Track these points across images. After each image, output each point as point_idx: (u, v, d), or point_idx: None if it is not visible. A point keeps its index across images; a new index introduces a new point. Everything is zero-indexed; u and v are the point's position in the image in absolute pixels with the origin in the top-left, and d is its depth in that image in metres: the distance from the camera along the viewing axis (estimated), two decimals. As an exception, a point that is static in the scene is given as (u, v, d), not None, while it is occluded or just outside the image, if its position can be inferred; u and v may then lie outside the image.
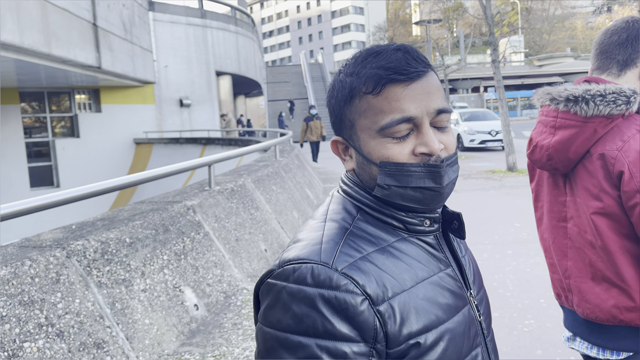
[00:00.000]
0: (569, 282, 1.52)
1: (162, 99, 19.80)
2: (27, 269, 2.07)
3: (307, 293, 0.72)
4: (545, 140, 1.46)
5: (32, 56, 10.39)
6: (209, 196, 3.55)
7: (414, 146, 0.79)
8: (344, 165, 0.88)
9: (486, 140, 17.11)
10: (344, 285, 0.72)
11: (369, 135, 0.81)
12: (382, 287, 0.75)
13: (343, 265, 0.74)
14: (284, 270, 0.75)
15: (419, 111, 0.78)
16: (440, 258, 0.85)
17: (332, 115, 0.87)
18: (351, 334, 0.71)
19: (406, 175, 0.79)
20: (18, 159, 16.44)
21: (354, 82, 0.81)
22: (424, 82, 0.79)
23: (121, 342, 2.23)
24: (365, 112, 0.80)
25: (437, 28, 34.45)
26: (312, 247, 0.77)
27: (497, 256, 5.42)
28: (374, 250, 0.79)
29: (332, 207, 0.87)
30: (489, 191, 9.39)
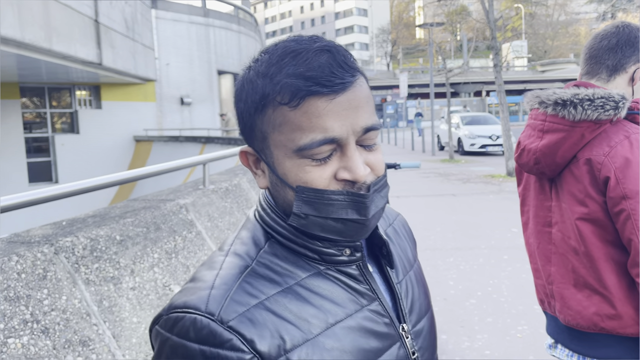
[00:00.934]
0: (552, 287, 1.51)
1: (163, 97, 19.81)
2: (14, 264, 2.05)
3: (188, 349, 0.63)
4: (533, 144, 1.45)
5: (33, 51, 10.39)
6: (202, 195, 3.54)
7: (336, 169, 0.68)
8: (256, 181, 0.76)
9: (487, 145, 17.09)
10: (228, 342, 0.62)
11: (284, 153, 0.68)
12: (278, 339, 0.64)
13: (230, 317, 0.64)
14: (168, 318, 0.66)
15: (343, 130, 0.66)
16: (362, 292, 0.73)
17: (241, 122, 0.73)
18: None
19: (326, 204, 0.67)
20: (17, 154, 16.44)
21: (267, 87, 0.67)
22: (350, 95, 0.66)
23: (107, 340, 2.22)
24: (281, 126, 0.67)
25: (441, 31, 34.49)
26: (201, 291, 0.67)
27: (492, 261, 5.40)
28: (277, 292, 0.68)
29: (241, 234, 0.76)
30: (487, 196, 9.38)
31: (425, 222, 7.30)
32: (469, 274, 5.04)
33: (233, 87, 0.76)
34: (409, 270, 0.85)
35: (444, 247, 6.01)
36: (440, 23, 19.36)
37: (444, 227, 7.01)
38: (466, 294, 4.52)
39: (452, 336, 3.69)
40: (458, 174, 12.65)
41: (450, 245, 6.08)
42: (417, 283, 0.85)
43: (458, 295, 4.50)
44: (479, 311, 4.13)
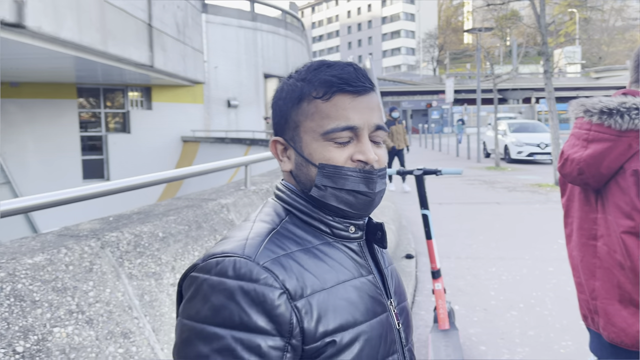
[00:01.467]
0: (596, 303, 1.45)
1: (210, 99, 20.27)
2: (63, 256, 2.15)
3: (227, 285, 0.74)
4: (577, 154, 1.40)
5: (89, 53, 10.85)
6: (243, 195, 3.60)
7: (352, 153, 0.85)
8: (280, 167, 0.92)
9: (534, 153, 16.59)
10: (263, 279, 0.74)
11: (312, 137, 0.85)
12: (301, 283, 0.77)
13: (265, 260, 0.77)
14: (207, 263, 0.78)
15: (361, 122, 0.84)
16: (362, 264, 0.89)
17: (277, 116, 0.91)
18: (267, 327, 0.73)
19: (342, 177, 0.84)
20: (73, 152, 17.19)
21: (305, 87, 0.86)
22: (368, 98, 0.86)
23: (147, 334, 2.29)
24: (312, 115, 0.85)
25: (490, 36, 33.79)
26: (238, 242, 0.81)
27: (537, 272, 5.24)
28: (298, 249, 0.82)
29: (264, 210, 0.91)
30: (533, 205, 9.10)
31: (467, 230, 7.16)
32: (511, 284, 4.91)
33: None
34: (391, 264, 1.01)
35: (487, 257, 5.87)
36: (489, 28, 18.98)
37: (487, 235, 6.86)
38: (507, 305, 4.40)
39: (492, 347, 3.60)
40: (504, 182, 12.34)
41: (492, 255, 5.93)
42: (397, 276, 1.00)
43: (499, 306, 4.39)
44: (521, 323, 4.01)
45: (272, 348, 0.73)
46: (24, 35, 8.43)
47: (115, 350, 2.11)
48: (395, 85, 50.39)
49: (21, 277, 1.94)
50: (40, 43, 9.01)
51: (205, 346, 0.73)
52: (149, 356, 2.21)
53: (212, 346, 0.72)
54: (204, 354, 0.73)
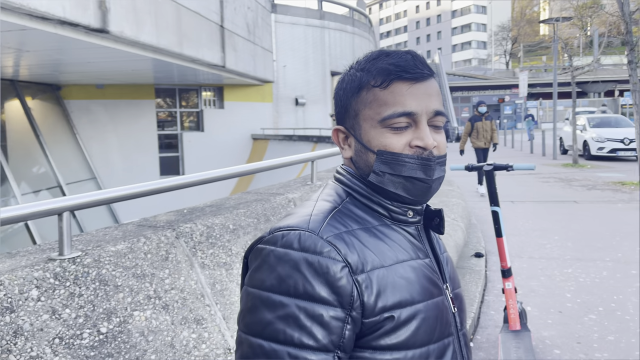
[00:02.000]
0: None
1: (279, 98, 20.65)
2: (142, 245, 2.29)
3: (292, 256, 0.77)
4: None
5: (166, 55, 11.40)
6: (310, 190, 3.66)
7: (410, 139, 0.86)
8: (341, 154, 0.94)
9: (617, 149, 15.57)
10: (327, 252, 0.77)
11: (370, 124, 0.87)
12: (362, 259, 0.80)
13: (329, 235, 0.80)
14: (273, 236, 0.81)
15: (419, 108, 0.85)
16: (419, 247, 0.90)
17: (338, 106, 0.93)
18: (329, 298, 0.76)
19: (400, 164, 0.85)
20: (151, 149, 18.13)
21: (364, 76, 0.88)
22: (426, 85, 0.87)
23: (218, 321, 2.39)
24: (371, 103, 0.87)
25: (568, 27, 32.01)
26: (302, 217, 0.84)
27: (618, 275, 4.93)
28: (359, 228, 0.85)
29: (325, 191, 0.94)
30: (616, 204, 8.56)
31: (541, 229, 6.85)
32: (589, 287, 4.65)
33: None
34: (446, 251, 1.02)
35: (562, 257, 5.60)
36: (567, 18, 18.01)
37: (562, 235, 6.53)
38: (585, 308, 4.18)
39: (567, 352, 3.44)
40: (582, 179, 11.68)
41: (569, 256, 5.65)
42: (452, 263, 1.01)
43: (575, 309, 4.18)
44: (600, 328, 3.80)
45: (333, 318, 0.76)
46: (108, 39, 8.99)
47: (189, 335, 2.22)
48: (465, 80, 48.99)
49: (105, 263, 2.09)
50: (122, 47, 9.58)
51: (270, 313, 0.76)
52: (219, 342, 2.31)
53: (277, 313, 0.75)
54: (268, 320, 0.76)
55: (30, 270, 1.85)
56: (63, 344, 1.79)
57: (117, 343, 1.94)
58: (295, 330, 0.74)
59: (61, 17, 7.31)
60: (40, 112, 14.94)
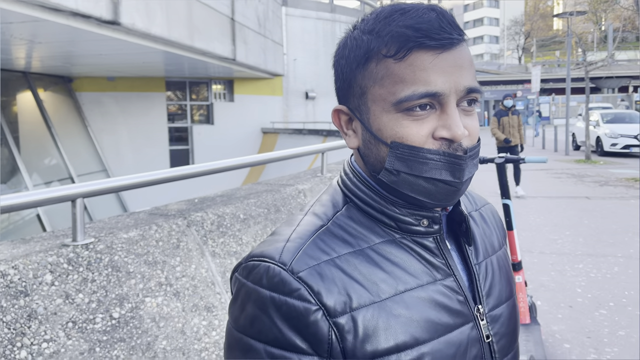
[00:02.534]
0: None
1: (289, 91, 20.65)
2: (153, 232, 2.31)
3: (260, 295, 0.66)
4: None
5: (177, 48, 11.42)
6: (320, 182, 3.67)
7: (434, 128, 0.67)
8: (345, 142, 0.76)
9: (631, 145, 15.40)
10: (296, 292, 0.65)
11: (382, 107, 0.68)
12: (345, 297, 0.65)
13: (301, 269, 0.66)
14: (245, 266, 0.70)
15: (446, 86, 0.65)
16: (437, 266, 0.72)
17: (339, 79, 0.74)
18: (302, 345, 0.64)
19: (421, 162, 0.67)
20: (161, 142, 18.22)
21: (372, 42, 0.67)
22: (456, 53, 0.66)
23: (228, 309, 2.41)
24: (382, 79, 0.67)
25: (582, 21, 31.66)
26: (278, 244, 0.70)
27: (630, 271, 4.89)
28: (348, 252, 0.69)
29: (322, 197, 0.78)
30: (628, 200, 8.47)
31: (553, 225, 6.81)
32: (600, 282, 4.62)
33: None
34: (491, 255, 0.82)
35: (573, 252, 5.56)
36: (581, 12, 17.79)
37: (574, 231, 6.48)
38: (596, 303, 4.15)
39: (577, 346, 3.42)
40: (595, 175, 11.57)
41: (580, 251, 5.61)
42: (498, 269, 0.81)
43: (586, 304, 4.15)
44: (610, 323, 3.77)
45: None
46: (119, 31, 9.03)
47: (200, 322, 2.24)
48: (477, 75, 48.56)
49: (117, 249, 2.11)
50: (133, 39, 9.62)
51: (242, 355, 0.68)
52: (230, 330, 2.33)
53: (247, 357, 0.67)
54: None
55: (45, 256, 1.87)
56: (76, 328, 1.81)
57: (129, 328, 1.96)
58: None
59: (73, 8, 7.35)
60: (52, 104, 15.07)
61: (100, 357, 1.83)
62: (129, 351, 1.91)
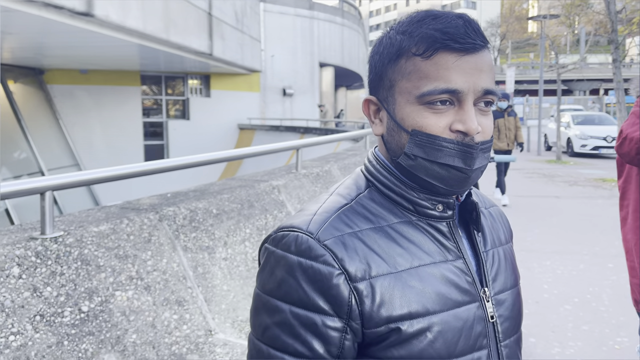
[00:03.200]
0: None
1: (266, 88, 20.57)
2: (125, 226, 2.30)
3: (289, 260, 0.73)
4: (636, 133, 1.37)
5: (153, 42, 11.27)
6: (294, 178, 3.68)
7: (451, 122, 0.75)
8: (372, 130, 0.84)
9: (600, 147, 15.80)
10: (322, 257, 0.72)
11: (406, 99, 0.76)
12: (365, 265, 0.73)
13: (327, 238, 0.73)
14: (275, 236, 0.77)
15: (466, 86, 0.73)
16: (449, 248, 0.80)
17: (372, 72, 0.82)
18: (324, 306, 0.71)
19: (436, 149, 0.75)
20: (136, 137, 17.96)
21: (404, 41, 0.76)
22: (478, 57, 0.75)
23: (200, 303, 2.41)
24: (410, 74, 0.76)
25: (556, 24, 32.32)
26: (306, 216, 0.78)
27: (595, 268, 5.05)
28: (369, 228, 0.77)
29: (346, 181, 0.86)
30: (596, 200, 8.72)
31: (523, 223, 6.96)
32: (566, 279, 4.75)
33: (333, 80, 0.86)
34: (498, 246, 0.89)
35: (542, 250, 5.70)
36: (555, 15, 18.16)
37: (543, 229, 6.65)
38: (561, 299, 4.28)
39: (542, 340, 3.52)
40: (564, 175, 11.86)
41: (548, 249, 5.76)
42: (505, 259, 0.89)
43: (552, 299, 4.27)
44: (574, 318, 3.89)
45: (329, 328, 0.72)
46: (93, 23, 8.87)
47: (171, 316, 2.24)
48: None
49: (87, 243, 2.09)
50: (107, 31, 9.46)
51: (268, 317, 0.74)
52: (200, 324, 2.33)
53: (274, 318, 0.73)
54: (267, 324, 0.75)
55: (12, 248, 1.85)
56: (44, 321, 1.80)
57: (98, 322, 1.96)
58: (289, 338, 0.72)
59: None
60: (22, 96, 14.71)
61: (68, 350, 1.82)
62: (97, 345, 1.91)
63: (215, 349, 2.27)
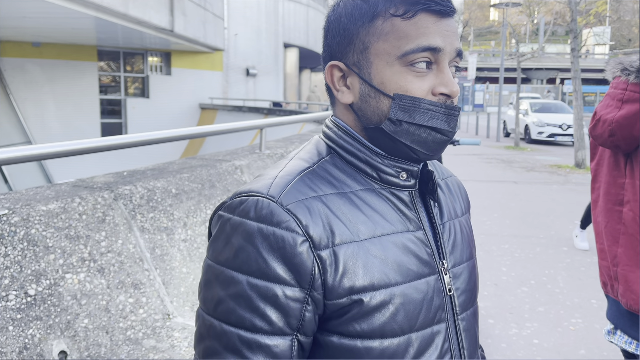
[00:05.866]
0: (617, 270, 1.42)
1: (229, 67, 20.17)
2: (77, 206, 2.17)
3: (247, 227, 0.68)
4: (610, 115, 1.35)
5: (110, 15, 10.81)
6: (258, 159, 3.59)
7: (434, 85, 0.73)
8: (337, 98, 0.79)
9: (556, 134, 16.28)
10: (285, 223, 0.67)
11: (386, 62, 0.73)
12: (328, 232, 0.69)
13: (290, 202, 0.69)
14: (232, 202, 0.72)
15: (445, 45, 0.73)
16: (411, 218, 0.77)
17: (338, 35, 0.77)
18: (285, 276, 0.67)
19: (422, 112, 0.73)
20: (92, 115, 17.32)
21: (380, 2, 0.73)
22: (452, 22, 0.75)
23: (158, 286, 2.32)
24: (388, 35, 0.72)
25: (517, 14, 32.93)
26: (266, 180, 0.73)
27: (551, 252, 5.19)
28: (333, 193, 0.73)
29: (306, 147, 0.82)
30: (551, 186, 8.97)
31: (483, 207, 7.09)
32: (523, 262, 4.87)
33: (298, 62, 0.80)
34: (454, 219, 0.87)
35: (500, 234, 5.82)
36: (516, 4, 18.46)
37: (501, 214, 6.79)
38: (519, 281, 4.37)
39: (500, 322, 3.59)
40: (522, 162, 12.16)
41: (506, 233, 5.88)
42: (460, 232, 0.86)
43: (510, 282, 4.36)
44: (531, 300, 3.99)
45: (290, 299, 0.67)
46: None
47: (126, 299, 2.14)
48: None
49: (35, 223, 1.96)
50: (61, 2, 9.00)
51: (222, 290, 0.68)
52: (158, 307, 2.24)
53: (229, 291, 0.68)
54: (220, 297, 0.68)
55: (-51, 227, 1.70)
56: (-15, 306, 1.68)
57: (46, 306, 1.84)
58: (246, 312, 0.67)
59: (-7, -36, 6.75)
60: (-31, 68, 13.93)
61: (14, 336, 1.71)
62: (46, 330, 1.80)
63: (174, 334, 2.19)
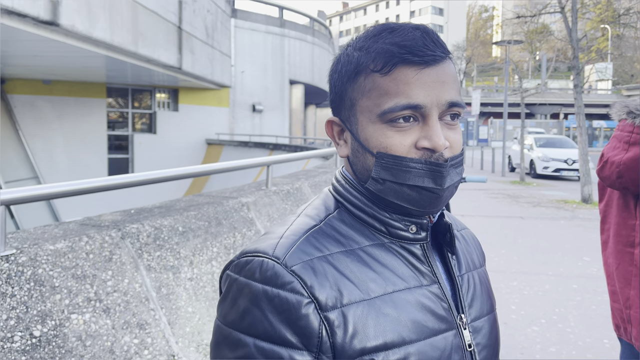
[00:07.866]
0: (630, 312, 1.39)
1: (236, 103, 20.46)
2: (84, 244, 2.17)
3: (253, 289, 0.67)
4: (617, 157, 1.36)
5: (120, 54, 11.06)
6: (264, 195, 3.60)
7: (416, 139, 0.70)
8: (337, 151, 0.80)
9: (561, 169, 16.27)
10: (289, 284, 0.66)
11: (368, 118, 0.72)
12: (336, 292, 0.67)
13: (294, 263, 0.68)
14: (238, 262, 0.71)
15: (428, 100, 0.69)
16: (424, 272, 0.75)
17: (332, 92, 0.78)
18: (291, 339, 0.65)
19: (404, 170, 0.70)
20: (100, 150, 17.51)
21: (361, 58, 0.72)
22: (439, 70, 0.70)
23: (163, 326, 2.29)
24: (369, 92, 0.72)
25: (519, 50, 33.44)
26: (271, 240, 0.72)
27: (560, 289, 5.11)
28: (340, 251, 0.71)
29: (314, 202, 0.81)
30: (558, 221, 8.91)
31: (489, 243, 7.03)
32: (533, 299, 4.79)
33: (303, 98, 0.80)
34: (472, 270, 0.85)
35: (508, 270, 5.75)
36: (518, 41, 18.76)
37: (509, 249, 6.72)
38: (528, 320, 4.29)
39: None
40: (528, 196, 12.12)
41: (514, 269, 5.81)
42: (480, 284, 0.84)
43: (519, 320, 4.28)
44: (542, 339, 3.90)
45: None
46: (58, 33, 8.64)
47: (131, 340, 2.11)
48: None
49: (42, 262, 1.96)
50: (72, 41, 9.22)
51: (230, 352, 0.68)
52: (163, 348, 2.21)
53: (236, 353, 0.67)
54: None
55: (-43, 267, 1.70)
56: (-10, 348, 1.66)
57: (51, 347, 1.82)
58: None
59: (9, 6, 6.96)
60: (-19, 105, 14.18)
61: (16, 379, 1.68)
62: (49, 373, 1.77)
63: (178, 376, 2.15)
